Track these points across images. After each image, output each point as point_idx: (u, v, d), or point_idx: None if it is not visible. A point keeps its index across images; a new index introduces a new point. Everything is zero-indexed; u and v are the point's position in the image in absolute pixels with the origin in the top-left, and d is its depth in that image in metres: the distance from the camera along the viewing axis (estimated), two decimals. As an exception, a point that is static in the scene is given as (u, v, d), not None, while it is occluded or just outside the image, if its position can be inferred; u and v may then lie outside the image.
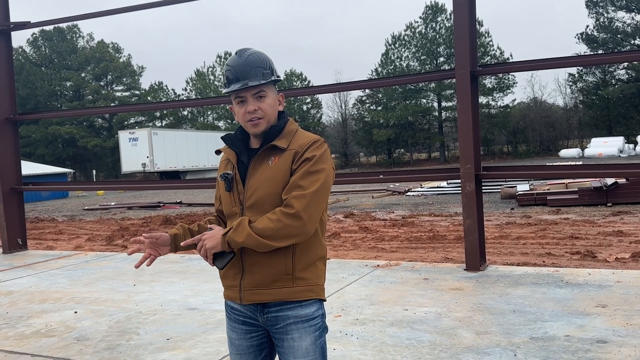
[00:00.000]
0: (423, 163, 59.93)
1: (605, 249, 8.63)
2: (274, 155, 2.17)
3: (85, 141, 60.76)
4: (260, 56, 2.20)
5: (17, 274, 7.54)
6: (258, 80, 2.14)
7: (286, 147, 2.15)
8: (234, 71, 2.17)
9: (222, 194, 2.27)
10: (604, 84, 54.64)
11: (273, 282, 2.13)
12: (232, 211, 2.21)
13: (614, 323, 4.26)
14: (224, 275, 2.26)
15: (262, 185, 2.13)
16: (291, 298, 2.14)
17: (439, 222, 12.78)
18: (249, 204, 2.16)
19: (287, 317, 2.14)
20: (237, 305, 2.24)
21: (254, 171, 2.18)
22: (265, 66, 2.18)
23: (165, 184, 15.93)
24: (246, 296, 2.17)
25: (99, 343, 4.48)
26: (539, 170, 9.05)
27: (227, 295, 2.27)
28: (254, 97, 2.16)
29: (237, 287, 2.19)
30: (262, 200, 2.12)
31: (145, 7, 8.68)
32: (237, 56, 2.20)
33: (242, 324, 2.24)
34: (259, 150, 2.20)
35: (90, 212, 22.16)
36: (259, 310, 2.18)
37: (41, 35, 63.99)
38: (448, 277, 6.03)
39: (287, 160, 2.14)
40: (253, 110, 2.16)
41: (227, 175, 2.22)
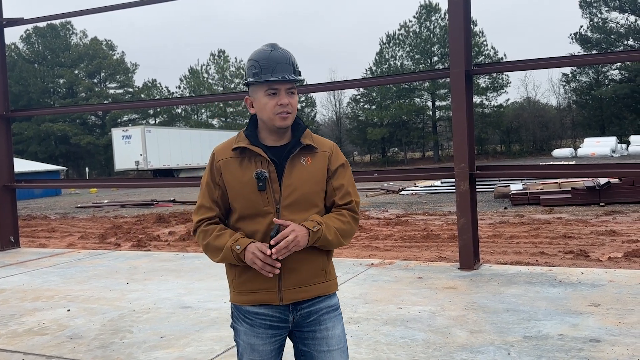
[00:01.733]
0: (417, 162, 60.03)
1: (598, 249, 8.67)
2: (305, 155, 2.19)
3: (78, 139, 60.49)
4: (290, 54, 2.21)
5: (9, 271, 7.50)
6: (294, 75, 2.16)
7: (317, 147, 2.22)
8: (269, 63, 2.14)
9: (246, 194, 2.15)
10: (597, 84, 54.89)
11: (312, 278, 2.18)
12: (261, 211, 2.14)
13: (607, 322, 4.28)
14: (250, 278, 2.18)
15: (302, 184, 2.15)
16: (325, 293, 2.22)
17: (433, 221, 12.80)
18: (286, 203, 2.14)
19: (320, 309, 2.21)
20: (263, 309, 2.18)
21: (291, 170, 2.16)
22: (294, 64, 2.20)
23: (159, 182, 15.82)
24: (287, 296, 2.16)
25: (92, 341, 4.46)
26: (533, 169, 9.08)
27: (254, 300, 2.19)
28: (286, 92, 2.15)
29: (275, 288, 2.15)
30: (301, 199, 2.15)
31: (138, 5, 8.65)
32: (271, 49, 2.18)
33: (268, 328, 2.19)
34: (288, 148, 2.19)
35: (83, 210, 22.06)
36: (290, 309, 2.18)
37: (34, 31, 63.63)
38: (442, 276, 6.04)
39: (323, 162, 2.21)
40: (286, 103, 2.14)
41: (262, 174, 2.13)
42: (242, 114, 65.14)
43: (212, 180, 2.23)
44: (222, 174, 2.20)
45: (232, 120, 64.93)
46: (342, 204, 2.23)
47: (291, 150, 2.18)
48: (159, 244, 11.50)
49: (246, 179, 2.15)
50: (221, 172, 2.20)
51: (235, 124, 63.94)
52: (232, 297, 2.27)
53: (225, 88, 64.75)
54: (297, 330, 2.22)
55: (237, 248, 2.10)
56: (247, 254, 2.09)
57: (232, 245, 2.11)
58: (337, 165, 2.24)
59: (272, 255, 2.05)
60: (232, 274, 2.24)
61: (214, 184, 2.22)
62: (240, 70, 66.45)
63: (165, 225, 14.82)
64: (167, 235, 12.68)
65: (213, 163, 2.23)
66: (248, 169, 2.16)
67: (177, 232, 13.18)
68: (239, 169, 2.17)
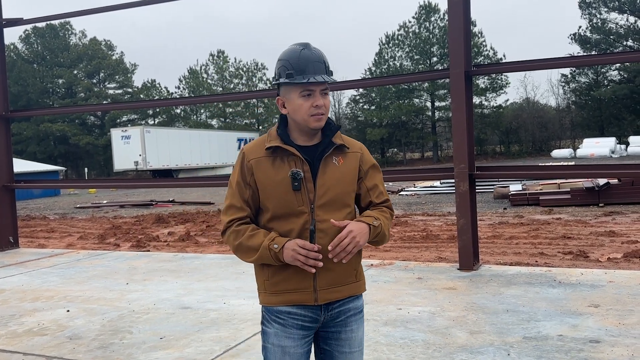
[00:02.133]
0: (416, 162, 60.04)
1: (598, 249, 8.67)
2: (337, 155, 2.19)
3: (77, 139, 60.44)
4: (323, 54, 2.18)
5: (8, 272, 7.50)
6: (329, 77, 2.14)
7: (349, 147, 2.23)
8: (302, 62, 2.11)
9: (280, 194, 2.12)
10: (597, 84, 54.90)
11: (345, 278, 2.19)
12: (296, 211, 2.12)
13: (607, 323, 4.28)
14: (285, 278, 2.15)
15: (335, 184, 2.15)
16: (356, 293, 2.24)
17: (433, 222, 12.80)
18: (320, 203, 2.13)
19: (348, 309, 2.22)
20: (296, 309, 2.16)
21: (324, 169, 2.15)
22: (328, 64, 2.17)
23: (158, 183, 15.83)
24: (323, 296, 2.15)
25: (92, 342, 4.46)
26: (532, 170, 9.10)
27: (290, 300, 2.16)
28: (321, 93, 2.13)
29: (310, 288, 2.14)
30: (335, 199, 2.15)
31: (138, 5, 8.65)
32: (304, 49, 2.14)
33: (300, 329, 2.17)
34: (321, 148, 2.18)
35: (82, 210, 22.05)
36: (322, 309, 2.17)
37: (33, 32, 63.59)
38: (441, 276, 6.04)
39: (355, 162, 2.23)
40: (321, 104, 2.13)
41: (298, 173, 2.11)
42: (242, 115, 65.15)
43: (243, 180, 2.18)
44: (254, 174, 2.16)
45: (231, 120, 64.90)
46: (379, 203, 2.27)
47: (324, 150, 2.17)
48: (158, 244, 11.49)
49: (279, 179, 2.12)
50: (252, 171, 2.16)
51: (235, 124, 63.92)
52: (263, 299, 2.22)
53: (225, 88, 64.72)
54: (322, 330, 2.22)
55: (275, 247, 2.07)
56: (286, 251, 2.06)
57: (269, 245, 2.08)
58: (369, 165, 2.28)
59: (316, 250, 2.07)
60: (264, 275, 2.20)
61: (245, 183, 2.18)
62: (240, 70, 66.47)
63: (165, 225, 14.81)
64: (166, 236, 12.68)
65: (243, 162, 2.18)
66: (281, 168, 2.14)
67: (176, 232, 13.17)
68: (272, 168, 2.15)
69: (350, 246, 2.05)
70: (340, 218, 2.15)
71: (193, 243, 11.37)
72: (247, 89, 63.76)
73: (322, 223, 2.12)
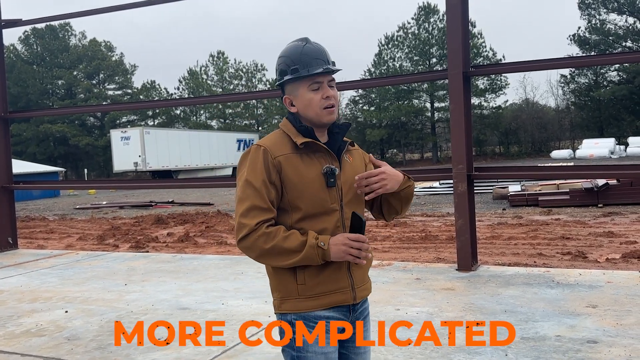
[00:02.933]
0: (416, 163, 60.06)
1: (596, 250, 8.68)
2: (346, 152, 2.17)
3: (76, 140, 60.46)
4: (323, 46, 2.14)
5: (7, 273, 7.50)
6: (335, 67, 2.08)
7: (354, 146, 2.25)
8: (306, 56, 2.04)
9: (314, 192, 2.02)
10: (596, 85, 54.95)
11: (366, 277, 2.21)
12: (329, 208, 2.04)
13: (605, 323, 4.29)
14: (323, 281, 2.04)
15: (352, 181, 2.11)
16: (370, 290, 2.25)
17: (431, 222, 12.81)
18: (347, 200, 2.10)
19: (365, 309, 2.23)
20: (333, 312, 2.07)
21: (344, 167, 2.12)
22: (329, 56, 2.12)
23: (157, 183, 15.87)
24: (358, 294, 2.12)
25: (90, 342, 4.46)
26: (531, 171, 9.10)
27: (333, 301, 2.06)
28: (328, 84, 2.07)
29: (348, 287, 2.08)
30: (356, 195, 2.13)
31: (137, 6, 8.65)
32: (306, 43, 2.08)
33: (339, 332, 2.12)
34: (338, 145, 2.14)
35: (81, 211, 22.04)
36: (351, 310, 2.13)
37: (33, 33, 63.61)
38: (440, 277, 6.04)
39: (360, 159, 2.24)
40: (332, 95, 2.06)
41: (334, 169, 2.03)
42: (241, 116, 65.15)
43: (269, 178, 1.99)
44: (283, 171, 2.01)
45: (230, 121, 64.90)
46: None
47: (341, 147, 2.13)
48: (157, 245, 11.49)
49: (312, 176, 2.02)
50: (281, 168, 2.00)
51: (234, 125, 63.93)
52: (297, 306, 2.04)
53: (224, 89, 64.75)
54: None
55: (322, 244, 1.94)
56: (334, 248, 1.95)
57: (317, 243, 1.94)
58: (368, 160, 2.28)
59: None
60: (297, 280, 2.03)
61: (270, 182, 2.00)
62: (239, 71, 66.48)
63: (164, 226, 14.81)
64: (165, 237, 12.67)
65: (267, 159, 2.00)
66: (312, 165, 2.04)
67: (175, 233, 13.17)
68: (303, 165, 2.03)
69: (377, 184, 2.01)
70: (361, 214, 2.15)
71: (192, 244, 11.37)
72: (246, 90, 63.75)
73: (348, 220, 2.08)
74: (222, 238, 12.05)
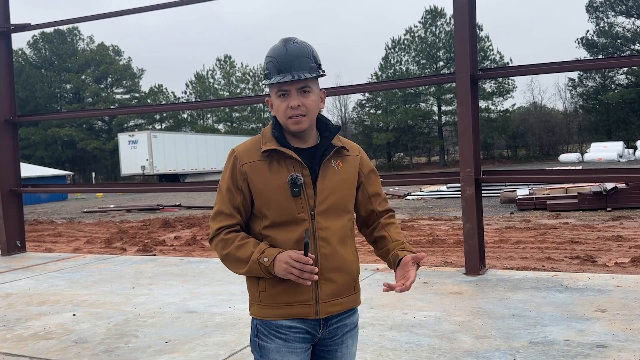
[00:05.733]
0: (423, 167, 59.97)
1: (605, 254, 8.62)
2: (335, 158, 2.06)
3: (84, 143, 60.80)
4: (307, 47, 2.01)
5: (15, 276, 7.53)
6: (304, 74, 1.95)
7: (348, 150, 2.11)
8: (278, 61, 1.96)
9: (279, 200, 1.97)
10: (604, 88, 54.75)
11: (345, 290, 2.05)
12: (296, 218, 1.97)
13: (614, 327, 4.25)
14: (284, 290, 1.99)
15: (336, 189, 2.02)
16: (354, 305, 2.11)
17: (439, 226, 12.77)
18: (321, 209, 1.99)
19: (345, 325, 2.09)
20: (297, 322, 2.00)
21: (324, 174, 2.01)
22: (311, 58, 1.99)
23: (165, 187, 15.93)
24: (324, 309, 2.00)
25: (98, 346, 4.47)
26: (539, 174, 9.05)
27: (290, 313, 2.00)
28: (298, 92, 1.96)
29: (311, 300, 1.99)
30: (336, 205, 2.02)
31: (144, 10, 8.69)
32: (282, 45, 1.99)
33: (302, 342, 2.02)
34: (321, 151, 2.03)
35: (89, 215, 22.14)
36: (321, 324, 2.03)
37: (41, 37, 64.10)
38: (447, 281, 6.02)
39: (355, 166, 2.11)
40: (296, 105, 1.96)
41: (298, 178, 1.96)
42: (248, 119, 65.33)
43: (234, 185, 2.01)
44: (249, 179, 1.99)
45: (237, 125, 65.08)
46: (382, 211, 2.18)
47: (324, 153, 2.02)
48: (165, 248, 11.52)
49: (278, 184, 1.96)
50: (247, 176, 1.99)
51: (241, 128, 64.08)
52: (259, 312, 2.03)
53: (231, 93, 64.96)
54: (318, 346, 2.09)
55: (265, 260, 1.91)
56: (277, 265, 1.90)
57: (259, 258, 1.92)
58: (369, 170, 2.16)
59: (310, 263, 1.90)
60: (259, 286, 2.02)
61: (236, 189, 2.01)
62: (246, 75, 66.70)
63: (171, 230, 14.84)
64: (172, 240, 12.70)
65: (235, 166, 2.01)
66: (279, 172, 1.98)
67: (182, 236, 13.20)
68: (269, 173, 1.99)
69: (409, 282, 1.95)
70: (341, 224, 2.04)
71: (199, 247, 11.39)
72: (253, 93, 63.94)
73: (324, 231, 2.00)
74: (229, 241, 12.04)
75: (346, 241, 2.07)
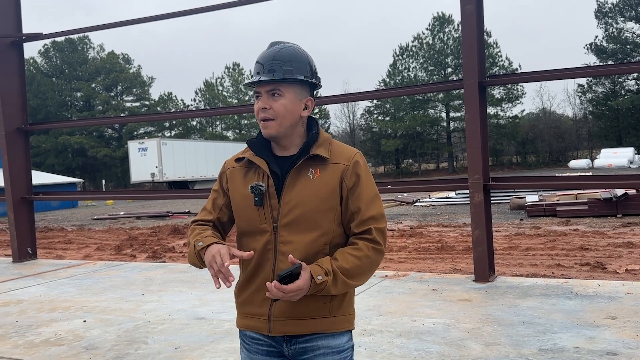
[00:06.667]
0: (431, 173, 59.86)
1: (615, 261, 8.57)
2: (314, 167, 1.90)
3: (94, 151, 61.20)
4: (289, 51, 1.91)
5: (27, 282, 7.59)
6: (271, 75, 1.86)
7: (328, 158, 1.90)
8: (257, 62, 1.92)
9: (245, 209, 1.94)
10: (614, 94, 54.45)
11: (310, 311, 1.88)
12: (259, 228, 1.91)
13: (624, 335, 4.23)
14: (245, 301, 1.97)
15: (304, 201, 1.86)
16: (327, 330, 1.91)
17: (448, 233, 12.73)
18: (285, 222, 1.87)
19: (317, 347, 1.91)
20: (259, 335, 1.96)
21: (293, 184, 1.89)
22: (290, 63, 1.89)
23: (174, 194, 15.99)
24: (277, 327, 1.90)
25: (108, 352, 4.49)
26: (548, 181, 9.04)
27: (247, 325, 1.97)
28: (267, 94, 1.89)
29: (265, 315, 1.91)
30: (302, 219, 1.86)
31: (153, 20, 8.78)
32: (267, 48, 1.95)
33: (266, 355, 1.96)
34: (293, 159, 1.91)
35: (99, 222, 22.26)
36: (285, 341, 1.92)
37: (52, 46, 64.70)
38: (457, 288, 6.00)
39: (334, 176, 1.89)
40: (262, 107, 1.89)
41: (259, 187, 1.88)
42: (256, 126, 65.50)
43: (220, 186, 2.05)
44: (228, 184, 2.02)
45: (246, 132, 65.29)
46: (358, 233, 1.89)
47: (295, 161, 1.90)
48: (174, 255, 11.56)
49: (247, 192, 1.93)
50: (227, 181, 2.03)
51: (250, 135, 64.28)
52: (236, 319, 2.06)
53: (240, 100, 65.23)
54: None
55: (200, 244, 1.89)
56: (207, 254, 1.86)
57: (195, 241, 1.91)
58: (354, 181, 1.89)
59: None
60: (234, 293, 2.04)
61: (221, 189, 2.05)
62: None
63: (180, 236, 14.90)
64: (182, 247, 12.75)
65: (223, 170, 2.07)
66: (251, 181, 1.94)
67: (191, 243, 13.23)
68: (243, 180, 1.97)
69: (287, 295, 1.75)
70: (309, 240, 1.86)
71: (208, 254, 11.41)
72: (262, 100, 64.04)
73: (285, 245, 1.87)
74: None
75: (317, 258, 1.86)
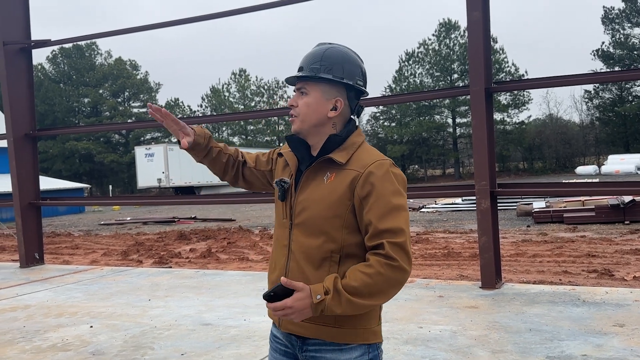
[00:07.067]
0: (437, 179, 59.72)
1: (623, 267, 8.52)
2: (331, 171, 1.85)
3: (102, 157, 61.44)
4: (328, 50, 1.91)
5: (34, 288, 7.62)
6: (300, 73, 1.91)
7: (344, 163, 1.83)
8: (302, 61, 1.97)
9: (276, 199, 1.98)
10: (621, 100, 54.24)
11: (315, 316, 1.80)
12: (282, 223, 1.94)
13: (632, 343, 4.20)
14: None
15: (311, 205, 1.84)
16: (329, 339, 1.84)
17: (454, 239, 12.70)
18: (297, 222, 1.87)
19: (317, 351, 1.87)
20: (278, 332, 1.97)
21: (306, 186, 1.88)
22: (321, 61, 1.87)
23: (180, 200, 16.02)
24: (285, 323, 1.90)
25: (114, 358, 4.50)
26: (555, 187, 9.00)
27: (269, 314, 1.98)
28: (297, 91, 1.93)
29: None
30: (311, 222, 1.83)
31: (161, 26, 8.83)
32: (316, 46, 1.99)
33: (283, 355, 1.95)
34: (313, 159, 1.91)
35: (106, 227, 22.33)
36: (297, 346, 1.90)
37: (60, 52, 65.12)
38: (463, 294, 5.98)
39: (344, 182, 1.81)
40: (290, 104, 1.94)
41: (283, 182, 1.92)
42: (262, 132, 65.65)
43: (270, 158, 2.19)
44: (274, 166, 2.14)
45: (252, 138, 65.43)
46: (371, 247, 1.77)
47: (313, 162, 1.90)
48: (180, 260, 11.58)
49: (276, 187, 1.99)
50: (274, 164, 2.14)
51: (256, 141, 64.42)
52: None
53: (246, 106, 65.42)
54: None
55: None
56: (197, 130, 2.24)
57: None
58: (367, 191, 1.77)
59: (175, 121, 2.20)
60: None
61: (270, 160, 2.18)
62: (261, 88, 67.19)
63: (187, 242, 14.92)
64: (188, 252, 12.77)
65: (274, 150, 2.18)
66: (283, 174, 2.01)
67: (198, 249, 13.26)
68: (280, 171, 2.05)
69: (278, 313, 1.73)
70: (315, 245, 1.81)
71: (214, 260, 11.44)
72: (268, 106, 64.31)
73: (295, 243, 1.87)
74: (243, 254, 12.09)
75: (322, 266, 1.81)
